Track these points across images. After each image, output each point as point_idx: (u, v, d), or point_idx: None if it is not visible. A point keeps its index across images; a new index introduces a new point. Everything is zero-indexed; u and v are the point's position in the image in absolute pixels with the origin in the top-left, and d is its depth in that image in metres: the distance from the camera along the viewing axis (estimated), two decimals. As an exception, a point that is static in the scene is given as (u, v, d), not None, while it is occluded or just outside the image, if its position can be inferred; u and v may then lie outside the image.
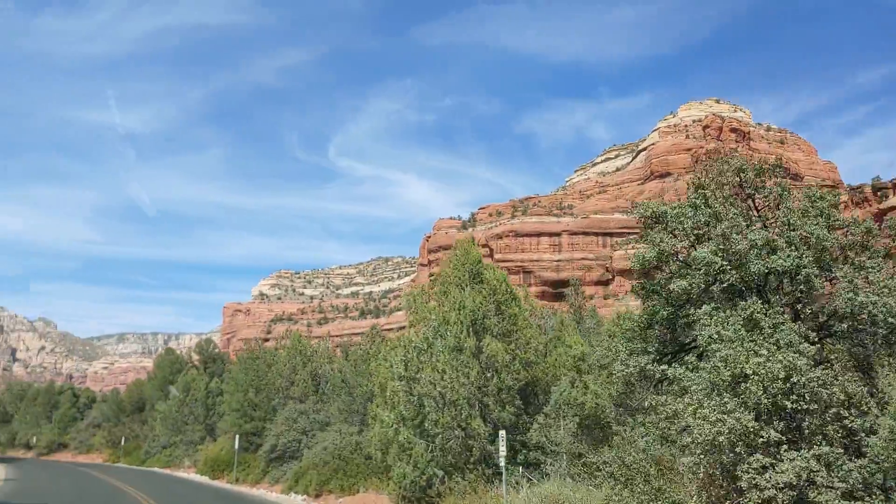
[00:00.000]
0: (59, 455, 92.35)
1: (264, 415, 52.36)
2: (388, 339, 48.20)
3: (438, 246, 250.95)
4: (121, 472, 53.94)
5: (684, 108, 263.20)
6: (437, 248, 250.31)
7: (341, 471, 33.31)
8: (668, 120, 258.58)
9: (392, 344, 26.39)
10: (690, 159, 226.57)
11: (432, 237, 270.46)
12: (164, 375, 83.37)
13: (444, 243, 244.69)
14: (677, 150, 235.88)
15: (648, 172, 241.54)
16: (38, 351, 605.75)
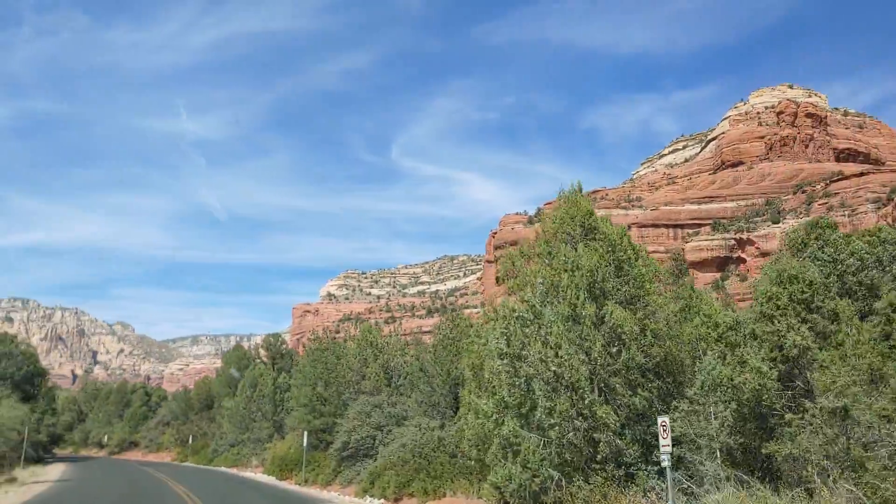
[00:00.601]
0: (129, 453, 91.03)
1: (334, 410, 48.40)
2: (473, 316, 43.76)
3: (505, 242, 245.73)
4: (184, 472, 50.73)
5: (755, 94, 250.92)
6: (504, 243, 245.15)
7: (423, 471, 28.72)
8: (739, 108, 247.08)
9: (488, 316, 21.55)
10: (764, 147, 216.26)
11: (498, 233, 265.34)
12: (231, 372, 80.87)
13: (511, 239, 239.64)
14: (749, 137, 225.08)
15: (719, 162, 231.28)
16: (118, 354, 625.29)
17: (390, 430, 36.12)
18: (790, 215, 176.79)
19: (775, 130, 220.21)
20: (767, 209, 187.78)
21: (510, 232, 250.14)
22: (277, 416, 61.69)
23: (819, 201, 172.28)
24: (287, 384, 64.94)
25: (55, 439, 67.69)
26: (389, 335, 65.64)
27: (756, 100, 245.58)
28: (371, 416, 37.18)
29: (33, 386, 68.06)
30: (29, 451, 53.57)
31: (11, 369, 57.98)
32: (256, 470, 54.77)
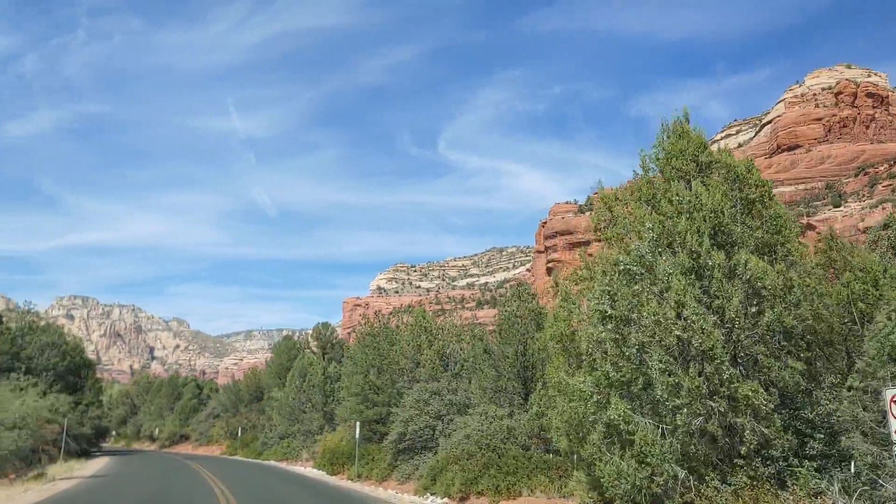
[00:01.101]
0: (180, 447, 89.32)
1: (388, 399, 44.81)
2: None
3: (555, 231, 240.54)
4: (229, 466, 47.74)
5: (812, 76, 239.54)
6: (554, 233, 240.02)
7: (494, 466, 24.71)
8: (795, 90, 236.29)
9: (579, 276, 17.38)
10: (822, 129, 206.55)
11: (548, 223, 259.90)
12: (281, 362, 78.19)
13: (561, 228, 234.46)
14: (806, 120, 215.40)
15: (775, 146, 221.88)
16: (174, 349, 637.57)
17: (451, 420, 32.24)
18: (852, 198, 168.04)
19: (834, 112, 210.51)
20: (828, 193, 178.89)
21: (560, 221, 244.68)
22: (328, 406, 58.49)
23: (883, 183, 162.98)
24: (338, 374, 61.79)
25: (101, 432, 65.77)
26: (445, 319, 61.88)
27: (812, 81, 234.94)
28: (429, 405, 33.34)
29: (79, 378, 66.23)
30: (71, 445, 51.31)
31: (55, 359, 55.88)
32: (306, 464, 51.60)
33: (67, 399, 54.78)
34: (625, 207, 17.26)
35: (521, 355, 30.91)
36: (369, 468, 36.48)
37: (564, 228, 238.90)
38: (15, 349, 50.39)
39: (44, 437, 38.82)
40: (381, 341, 47.63)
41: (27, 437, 29.86)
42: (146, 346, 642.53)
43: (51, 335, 57.37)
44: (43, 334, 57.17)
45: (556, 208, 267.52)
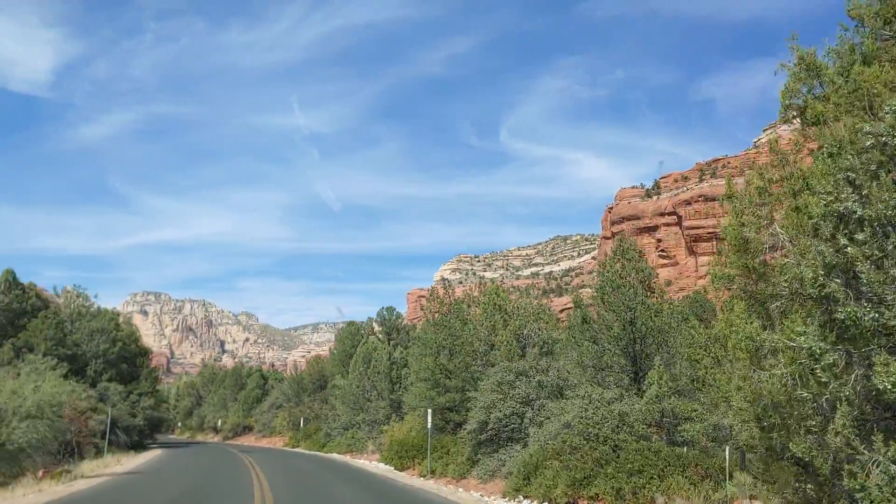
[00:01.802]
0: (243, 438, 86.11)
1: (461, 384, 39.48)
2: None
3: (621, 217, 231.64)
4: (286, 460, 43.12)
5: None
6: (621, 218, 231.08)
7: (610, 463, 18.92)
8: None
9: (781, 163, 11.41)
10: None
11: (615, 208, 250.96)
12: (344, 349, 73.75)
13: (628, 214, 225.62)
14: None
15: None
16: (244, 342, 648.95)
17: (542, 406, 26.52)
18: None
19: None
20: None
21: (627, 206, 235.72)
22: (394, 394, 53.56)
23: None
24: (404, 359, 56.83)
25: (155, 423, 62.36)
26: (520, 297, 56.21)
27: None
28: (515, 387, 27.65)
29: (134, 366, 62.95)
30: (121, 437, 47.64)
31: (104, 346, 52.38)
32: (372, 457, 46.71)
33: (118, 388, 51.27)
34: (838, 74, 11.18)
35: (628, 325, 24.94)
36: (444, 463, 31.08)
37: (631, 213, 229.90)
38: (60, 334, 46.90)
39: (77, 428, 34.72)
40: (453, 319, 42.26)
41: (46, 428, 25.42)
42: (217, 339, 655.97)
43: (100, 321, 53.92)
44: (93, 320, 53.77)
45: (623, 193, 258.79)
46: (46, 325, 46.58)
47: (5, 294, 47.19)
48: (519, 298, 55.50)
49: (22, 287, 49.06)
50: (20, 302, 47.92)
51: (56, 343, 46.42)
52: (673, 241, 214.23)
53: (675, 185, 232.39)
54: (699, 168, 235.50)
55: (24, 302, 48.15)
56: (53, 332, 46.48)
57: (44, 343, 45.72)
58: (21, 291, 48.63)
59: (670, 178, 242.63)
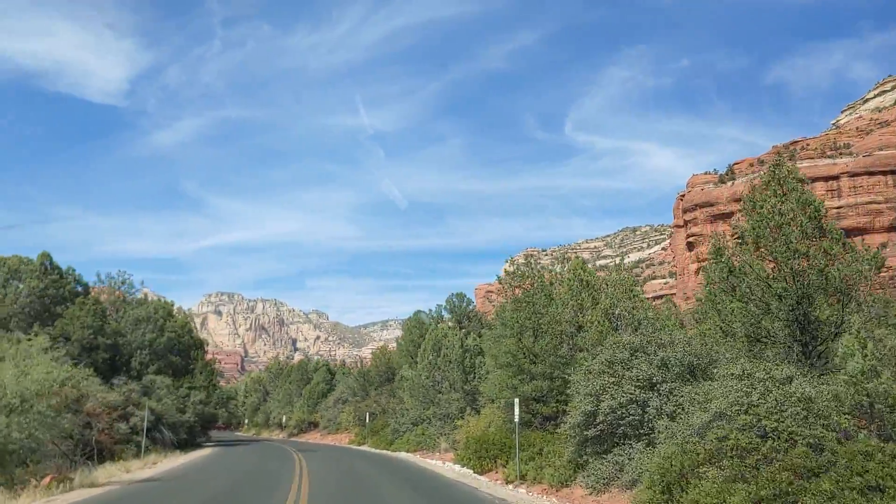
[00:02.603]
0: (308, 435, 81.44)
1: (549, 370, 33.07)
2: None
3: (694, 204, 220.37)
4: (346, 461, 37.41)
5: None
6: (693, 206, 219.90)
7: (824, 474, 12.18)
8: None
9: None
10: None
11: (687, 195, 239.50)
12: (412, 339, 67.97)
13: (701, 200, 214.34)
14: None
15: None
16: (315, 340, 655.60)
17: (672, 390, 19.75)
18: None
19: None
20: None
21: (700, 193, 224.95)
22: (468, 384, 47.37)
23: None
24: (478, 347, 50.66)
25: (208, 420, 57.81)
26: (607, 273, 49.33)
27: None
28: (632, 367, 20.91)
29: (188, 359, 58.54)
30: (166, 435, 42.84)
31: (150, 335, 47.81)
32: (445, 456, 40.64)
33: (165, 381, 46.61)
34: None
35: (796, 277, 17.91)
36: (536, 466, 24.58)
37: (705, 200, 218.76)
38: (98, 322, 42.37)
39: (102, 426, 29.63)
40: (537, 295, 35.75)
41: (36, 424, 20.09)
42: (289, 338, 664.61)
43: (146, 309, 49.42)
44: (138, 307, 49.33)
45: (695, 179, 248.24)
46: (84, 311, 42.12)
47: (40, 279, 42.96)
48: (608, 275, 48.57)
49: (59, 271, 44.82)
50: (57, 288, 43.63)
51: (94, 332, 41.93)
52: None
53: (751, 169, 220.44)
54: (776, 151, 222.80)
55: (61, 288, 43.85)
56: (91, 319, 41.97)
57: (80, 331, 41.24)
58: (58, 276, 44.37)
59: (744, 163, 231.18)
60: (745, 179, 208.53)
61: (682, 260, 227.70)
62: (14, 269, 43.13)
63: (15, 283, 42.59)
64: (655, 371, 20.51)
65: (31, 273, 42.92)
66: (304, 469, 28.56)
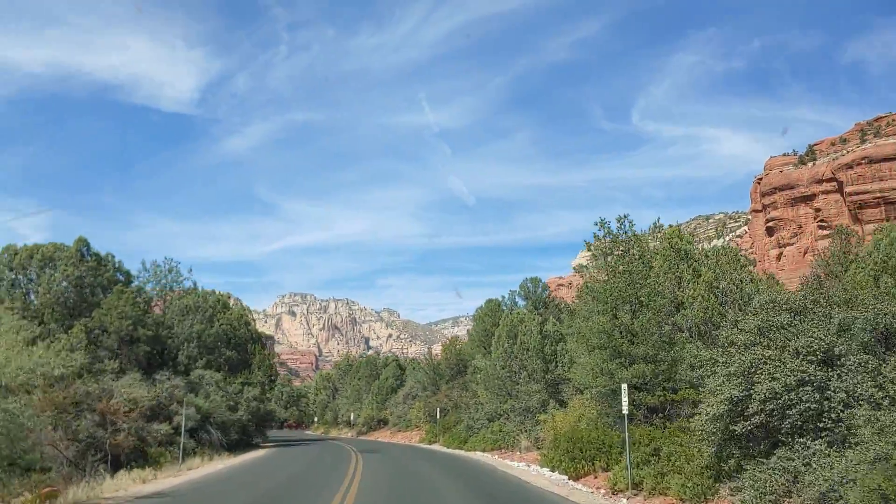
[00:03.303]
0: (378, 433, 76.85)
1: (653, 352, 27.16)
2: None
3: (773, 187, 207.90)
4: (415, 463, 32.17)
5: None
6: (772, 189, 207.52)
7: None
8: None
9: None
10: None
11: (764, 178, 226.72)
12: (485, 328, 62.45)
13: (780, 183, 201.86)
14: None
15: None
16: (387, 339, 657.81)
17: (865, 365, 13.63)
18: None
19: None
20: None
21: (779, 175, 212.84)
22: (550, 374, 41.58)
23: None
24: (558, 333, 44.84)
25: (263, 419, 53.56)
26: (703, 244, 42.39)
27: None
28: (798, 336, 14.83)
29: (246, 353, 54.48)
30: (213, 435, 38.49)
31: (198, 326, 43.69)
32: (527, 456, 35.01)
33: (215, 377, 42.40)
34: None
35: None
36: (654, 471, 18.68)
37: (784, 183, 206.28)
38: (138, 312, 38.38)
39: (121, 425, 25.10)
40: (634, 263, 29.70)
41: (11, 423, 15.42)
42: (362, 336, 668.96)
43: (194, 297, 45.37)
44: (185, 297, 45.33)
45: (773, 162, 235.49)
46: (123, 301, 38.14)
47: (76, 266, 39.23)
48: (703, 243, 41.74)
49: (98, 258, 41.06)
50: (95, 276, 39.85)
51: (134, 323, 37.88)
52: (834, 209, 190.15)
53: (832, 148, 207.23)
54: (859, 128, 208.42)
55: (99, 276, 40.06)
56: (130, 308, 37.94)
57: (118, 322, 37.27)
58: (96, 263, 40.60)
59: (825, 143, 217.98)
60: (826, 159, 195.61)
61: (762, 246, 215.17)
62: (48, 257, 39.54)
63: (50, 271, 38.99)
64: (835, 339, 14.37)
65: (66, 260, 39.25)
66: (357, 476, 23.41)
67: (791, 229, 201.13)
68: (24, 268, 39.29)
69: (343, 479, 22.80)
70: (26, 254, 39.60)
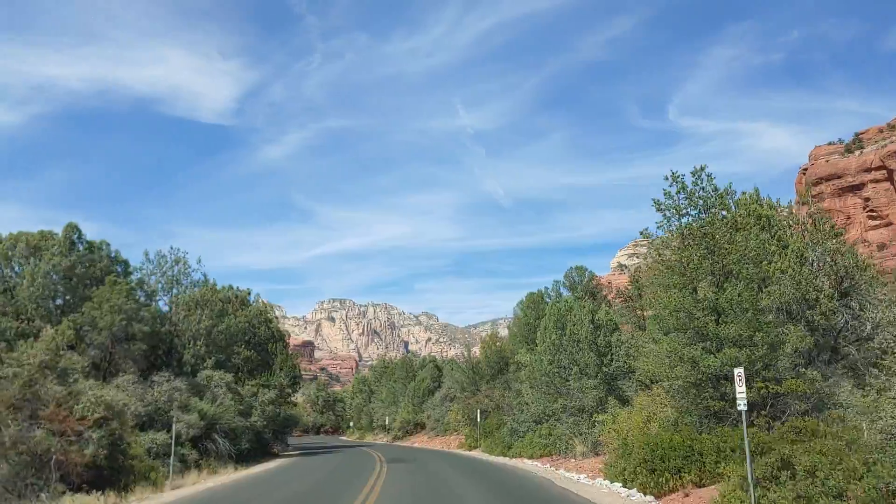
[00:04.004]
0: (415, 437, 71.63)
1: (748, 332, 21.50)
2: None
3: (819, 177, 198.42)
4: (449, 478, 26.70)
5: None
6: (818, 179, 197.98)
7: None
8: None
9: None
10: None
11: (810, 168, 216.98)
12: (527, 321, 56.84)
13: (827, 173, 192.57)
14: None
15: None
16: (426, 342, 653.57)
17: None
18: None
19: None
20: None
21: (825, 165, 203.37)
22: (607, 367, 35.88)
23: None
24: (612, 321, 39.23)
25: (283, 424, 48.56)
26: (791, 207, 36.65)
27: None
28: None
29: (266, 353, 49.71)
30: (221, 445, 33.55)
31: (206, 322, 38.91)
32: (583, 464, 29.38)
33: (224, 378, 37.55)
34: None
35: None
36: (792, 494, 13.00)
37: (831, 172, 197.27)
38: (132, 304, 33.63)
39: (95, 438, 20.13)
40: (717, 226, 23.93)
41: None
42: (401, 341, 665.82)
43: (202, 291, 40.65)
44: (192, 288, 40.62)
45: (818, 151, 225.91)
46: (116, 293, 33.45)
47: (65, 255, 34.71)
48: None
49: (90, 246, 36.52)
50: (86, 266, 35.28)
51: (128, 317, 33.15)
52: (884, 198, 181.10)
53: (880, 136, 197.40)
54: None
55: (91, 266, 35.49)
56: (124, 301, 33.23)
57: (109, 317, 32.58)
58: (88, 252, 36.05)
59: (872, 131, 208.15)
60: (874, 147, 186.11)
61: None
62: (34, 246, 35.13)
63: (35, 261, 34.53)
64: None
65: (53, 249, 34.76)
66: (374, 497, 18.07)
67: (839, 220, 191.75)
68: (7, 258, 34.94)
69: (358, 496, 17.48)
70: (10, 242, 35.27)
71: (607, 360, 36.81)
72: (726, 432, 19.75)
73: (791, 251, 24.74)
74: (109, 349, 33.59)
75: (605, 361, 36.65)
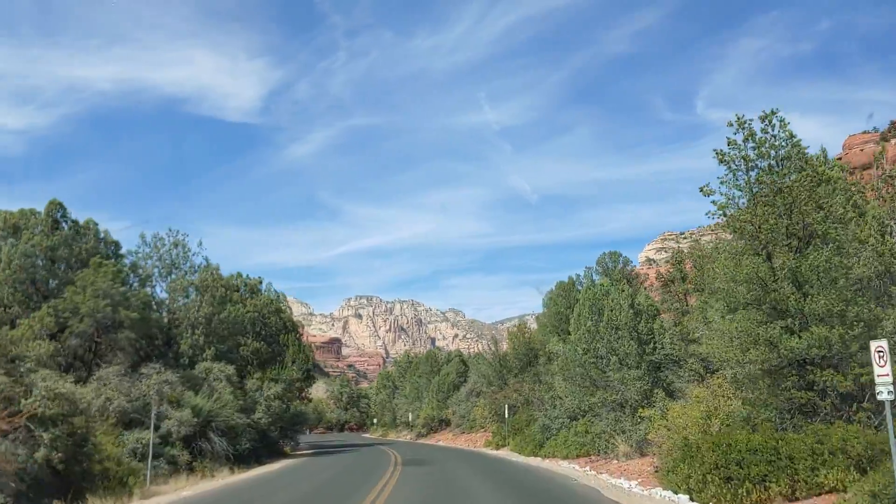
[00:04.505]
0: (439, 434, 67.87)
1: (839, 307, 17.31)
2: None
3: (853, 167, 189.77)
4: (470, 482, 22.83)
5: None
6: (852, 169, 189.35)
7: None
8: None
9: None
10: None
11: (844, 157, 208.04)
12: (558, 311, 52.69)
13: (861, 162, 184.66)
14: None
15: None
16: (453, 338, 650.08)
17: None
18: None
19: None
20: None
21: (860, 154, 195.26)
22: (650, 356, 31.70)
23: None
24: (653, 307, 35.12)
25: (292, 421, 44.87)
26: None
27: None
28: None
29: (277, 344, 46.20)
30: (217, 445, 29.95)
31: (206, 309, 35.38)
32: (628, 467, 25.31)
33: (224, 370, 34.00)
34: None
35: None
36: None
37: (865, 162, 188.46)
38: (117, 287, 30.16)
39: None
40: (802, 176, 19.68)
41: None
42: (427, 337, 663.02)
43: (203, 276, 37.16)
44: (193, 274, 37.16)
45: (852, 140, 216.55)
46: (101, 276, 30.00)
47: (47, 235, 31.38)
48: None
49: (76, 226, 33.17)
50: (70, 247, 31.91)
51: (114, 303, 29.68)
52: None
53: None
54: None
55: (76, 247, 32.11)
56: (111, 284, 29.78)
57: (92, 302, 29.13)
58: (73, 232, 32.70)
59: None
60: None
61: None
62: (14, 225, 31.83)
63: (14, 241, 31.24)
64: None
65: (34, 227, 31.44)
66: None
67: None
68: (-17, 239, 31.63)
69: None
70: (-13, 222, 31.95)
71: (649, 348, 32.66)
72: (821, 430, 15.62)
73: (872, 218, 20.41)
74: (94, 338, 30.18)
75: (648, 350, 32.50)
